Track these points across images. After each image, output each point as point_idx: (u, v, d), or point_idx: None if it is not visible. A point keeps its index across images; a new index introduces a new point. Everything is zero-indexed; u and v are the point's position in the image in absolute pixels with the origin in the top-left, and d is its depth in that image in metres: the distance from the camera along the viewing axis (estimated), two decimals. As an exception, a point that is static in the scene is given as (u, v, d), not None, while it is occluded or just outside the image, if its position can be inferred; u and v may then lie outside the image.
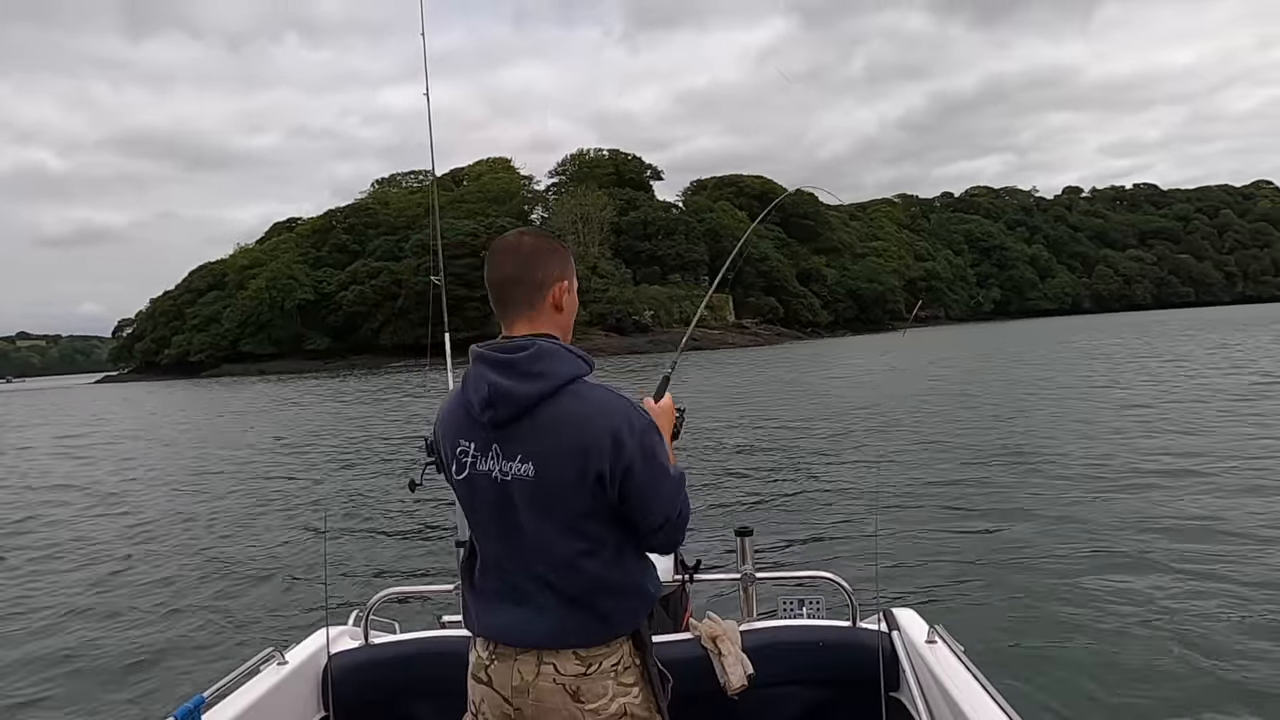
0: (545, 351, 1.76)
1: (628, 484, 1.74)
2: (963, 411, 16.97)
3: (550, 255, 1.87)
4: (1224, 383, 19.05)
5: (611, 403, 1.76)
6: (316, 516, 10.00)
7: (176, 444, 21.22)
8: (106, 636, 6.24)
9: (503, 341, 1.82)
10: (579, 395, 1.76)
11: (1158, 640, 4.96)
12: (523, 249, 1.86)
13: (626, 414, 1.75)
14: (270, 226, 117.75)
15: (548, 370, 1.75)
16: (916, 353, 42.14)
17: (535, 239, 1.89)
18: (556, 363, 1.76)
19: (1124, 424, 13.57)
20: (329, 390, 43.92)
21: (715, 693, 2.25)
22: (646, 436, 1.76)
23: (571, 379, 1.76)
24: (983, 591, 6.08)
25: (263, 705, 2.21)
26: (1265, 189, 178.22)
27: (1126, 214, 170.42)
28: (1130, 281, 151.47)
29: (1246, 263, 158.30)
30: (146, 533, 10.06)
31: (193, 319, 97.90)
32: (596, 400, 1.76)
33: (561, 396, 1.75)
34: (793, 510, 9.19)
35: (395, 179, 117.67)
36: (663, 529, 1.80)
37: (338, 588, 6.59)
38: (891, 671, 2.29)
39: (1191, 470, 9.63)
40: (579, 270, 1.93)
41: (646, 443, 1.75)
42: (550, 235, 1.97)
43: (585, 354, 1.83)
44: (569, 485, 1.74)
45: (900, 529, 7.88)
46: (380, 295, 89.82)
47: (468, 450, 1.81)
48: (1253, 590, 5.65)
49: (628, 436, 1.73)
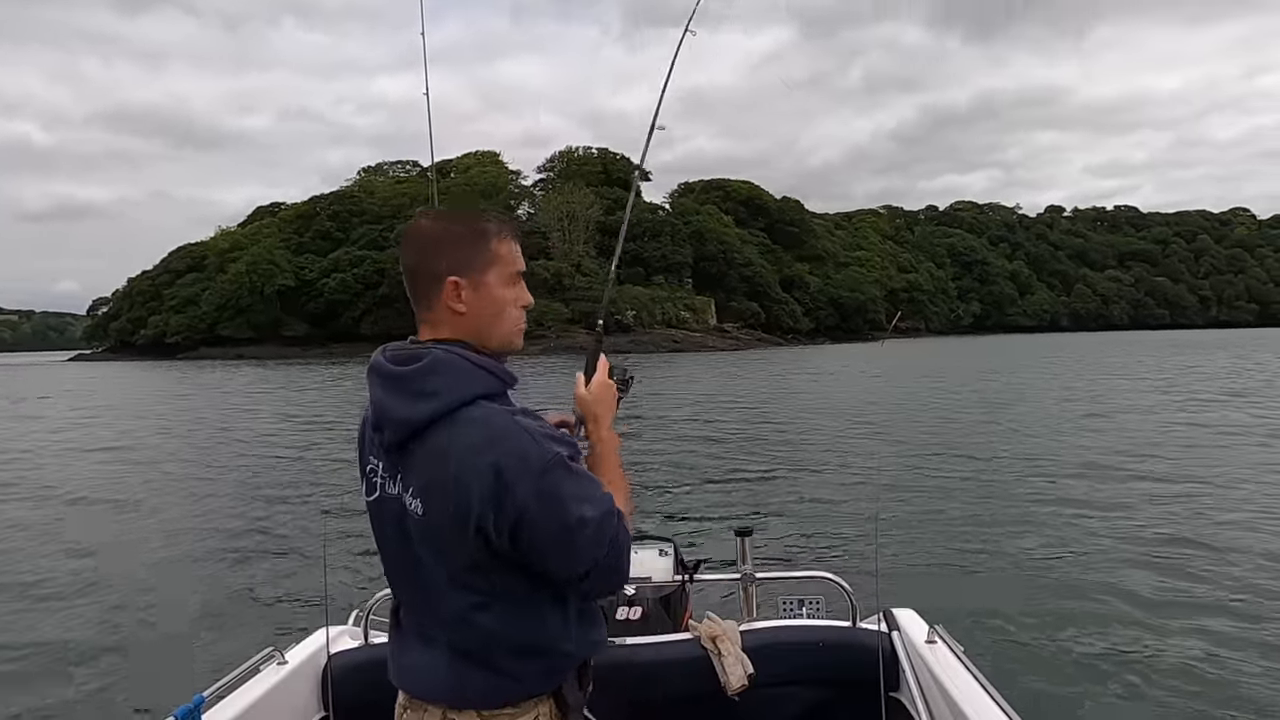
0: (438, 364, 1.47)
1: (522, 535, 1.42)
2: (962, 415, 17.10)
3: (446, 244, 1.54)
4: (1221, 395, 19.18)
5: (505, 434, 1.43)
6: (316, 516, 9.91)
7: (172, 431, 20.89)
8: (105, 636, 6.17)
9: (401, 347, 1.56)
10: (472, 421, 1.44)
11: (1158, 640, 5.01)
12: (421, 234, 1.56)
13: (521, 448, 1.42)
14: (253, 210, 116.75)
15: (439, 388, 1.45)
16: (912, 363, 42.30)
17: (436, 221, 1.57)
18: (451, 379, 1.46)
19: (1125, 429, 13.69)
20: (323, 377, 43.30)
21: (715, 693, 2.26)
22: (548, 478, 1.41)
23: (471, 399, 1.46)
24: (983, 591, 6.13)
25: (262, 705, 2.20)
26: (1242, 216, 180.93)
27: (1107, 235, 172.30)
28: (1108, 302, 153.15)
29: (1221, 288, 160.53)
30: (144, 530, 9.92)
31: (170, 300, 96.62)
32: (488, 430, 1.43)
33: (454, 422, 1.44)
34: (793, 510, 9.20)
35: (382, 168, 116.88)
36: (586, 579, 1.48)
37: (338, 588, 6.55)
38: (891, 672, 2.29)
39: (1192, 472, 9.73)
40: (562, 268, 1.68)
41: (547, 485, 1.41)
42: (468, 214, 1.60)
43: (498, 367, 1.53)
44: (452, 531, 1.44)
45: (900, 529, 7.91)
46: (362, 284, 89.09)
47: (376, 469, 1.57)
48: (1253, 590, 5.73)
49: (519, 478, 1.40)
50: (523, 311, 1.61)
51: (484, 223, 1.58)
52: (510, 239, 1.59)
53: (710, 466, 12.27)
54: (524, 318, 1.61)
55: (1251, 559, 6.55)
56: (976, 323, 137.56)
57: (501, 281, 1.57)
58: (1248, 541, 7.00)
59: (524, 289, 1.61)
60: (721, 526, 8.00)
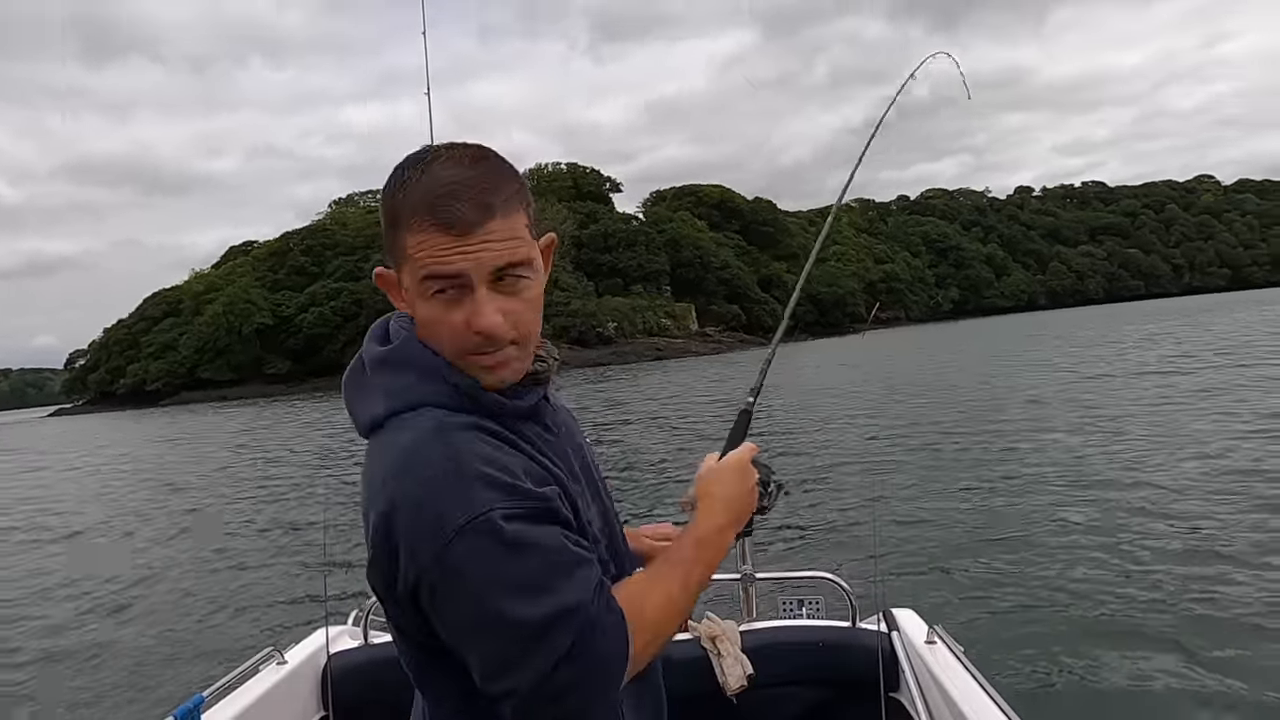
0: (392, 355, 1.12)
1: (430, 611, 1.02)
2: (960, 412, 17.12)
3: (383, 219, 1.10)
4: (1223, 380, 19.20)
5: (411, 465, 1.01)
6: (316, 516, 9.89)
7: (164, 462, 20.77)
8: (106, 636, 6.21)
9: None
10: (391, 435, 1.06)
11: (1159, 640, 5.00)
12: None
13: (427, 492, 0.99)
14: (226, 250, 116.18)
15: (361, 394, 1.13)
16: (900, 355, 42.48)
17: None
18: (376, 377, 1.12)
19: (1124, 426, 13.72)
20: (317, 413, 43.11)
21: (714, 693, 2.25)
22: (457, 547, 0.96)
23: (389, 413, 1.08)
24: (983, 591, 6.11)
25: (262, 705, 2.19)
26: (1207, 183, 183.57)
27: (1077, 211, 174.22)
28: (1083, 277, 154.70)
29: (1192, 255, 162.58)
30: (145, 534, 9.89)
31: (148, 347, 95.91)
32: (394, 453, 1.04)
33: (381, 433, 1.09)
34: (792, 510, 9.13)
35: (353, 199, 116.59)
36: (506, 699, 1.00)
37: (337, 587, 6.54)
38: (891, 672, 2.28)
39: (1192, 471, 9.67)
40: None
41: (454, 559, 0.96)
42: (411, 166, 1.09)
43: (429, 364, 1.09)
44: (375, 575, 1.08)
45: (900, 529, 7.90)
46: (341, 316, 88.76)
47: None
48: (1254, 590, 5.69)
49: (416, 537, 0.98)
50: (476, 336, 1.06)
51: (399, 192, 1.06)
52: (432, 226, 1.02)
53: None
54: (486, 343, 1.07)
55: (1261, 552, 6.43)
56: (956, 308, 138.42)
57: (415, 287, 1.07)
58: (1257, 537, 6.83)
59: (467, 304, 1.05)
60: None
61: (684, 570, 1.15)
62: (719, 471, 1.30)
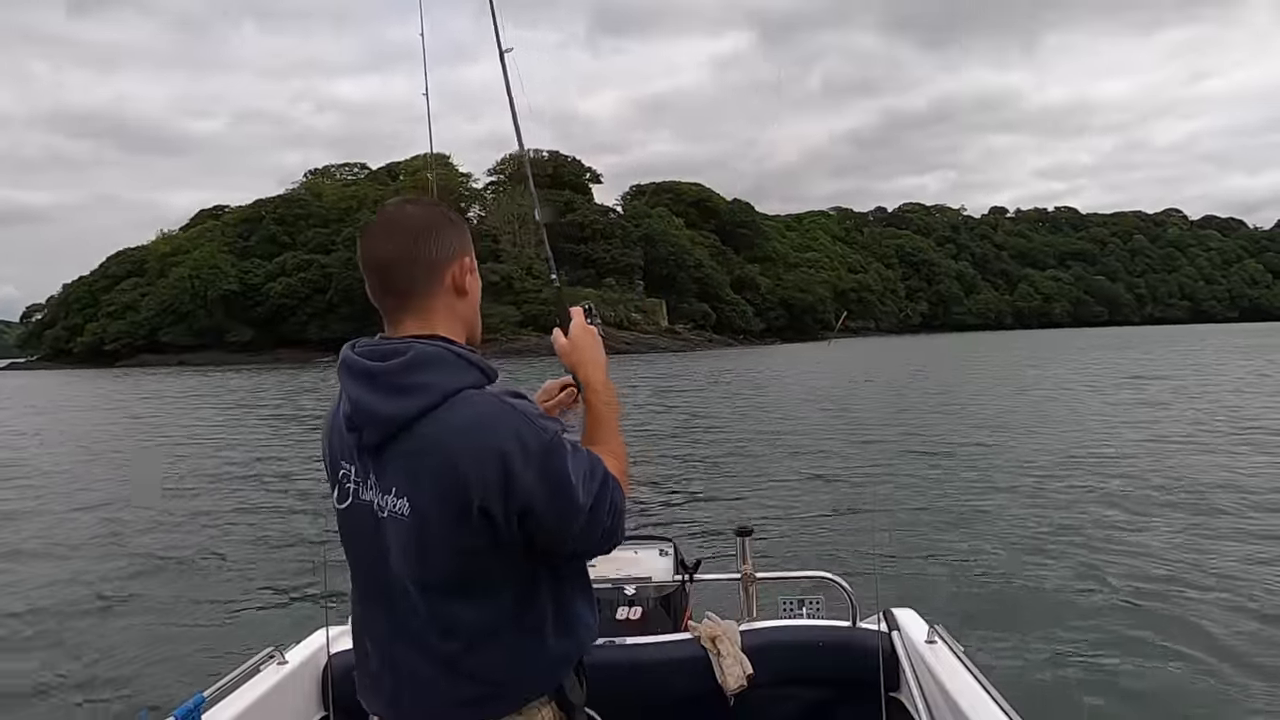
0: (423, 358, 1.40)
1: (530, 519, 1.39)
2: (959, 415, 17.28)
3: (446, 227, 1.51)
4: (1217, 395, 19.54)
5: (500, 418, 1.38)
6: (316, 515, 9.74)
7: (155, 436, 20.29)
8: (105, 635, 6.09)
9: (374, 343, 1.47)
10: (461, 411, 1.38)
11: (1159, 640, 5.05)
12: (410, 221, 1.49)
13: (518, 432, 1.37)
14: (196, 213, 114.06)
15: (426, 383, 1.39)
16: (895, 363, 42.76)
17: (423, 208, 1.52)
18: (438, 372, 1.40)
19: (1124, 430, 13.92)
20: (296, 386, 42.29)
21: (715, 693, 2.25)
22: (551, 459, 1.38)
23: (456, 391, 1.39)
24: (983, 591, 6.16)
25: (262, 705, 2.18)
26: (1175, 217, 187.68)
27: (1048, 235, 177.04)
28: (1049, 300, 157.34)
29: (1155, 286, 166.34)
30: (143, 530, 9.67)
31: (108, 306, 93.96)
32: (481, 416, 1.38)
33: (441, 414, 1.38)
34: (793, 510, 9.18)
35: (329, 170, 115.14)
36: (590, 548, 1.50)
37: (337, 588, 6.46)
38: (891, 672, 2.29)
39: (1193, 471, 9.88)
40: (512, 271, 1.52)
41: (551, 467, 1.38)
42: (440, 204, 1.58)
43: (482, 360, 1.46)
44: (445, 524, 1.37)
45: (900, 529, 7.94)
46: (310, 288, 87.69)
47: (349, 474, 1.49)
48: (1254, 589, 5.80)
49: (522, 462, 1.36)
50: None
51: (457, 214, 1.57)
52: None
53: (711, 466, 12.29)
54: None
55: (1256, 560, 6.56)
56: (925, 322, 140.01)
57: (476, 269, 1.57)
58: (1253, 542, 6.99)
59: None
60: (721, 526, 7.98)
61: (608, 424, 1.61)
62: (574, 341, 1.68)
